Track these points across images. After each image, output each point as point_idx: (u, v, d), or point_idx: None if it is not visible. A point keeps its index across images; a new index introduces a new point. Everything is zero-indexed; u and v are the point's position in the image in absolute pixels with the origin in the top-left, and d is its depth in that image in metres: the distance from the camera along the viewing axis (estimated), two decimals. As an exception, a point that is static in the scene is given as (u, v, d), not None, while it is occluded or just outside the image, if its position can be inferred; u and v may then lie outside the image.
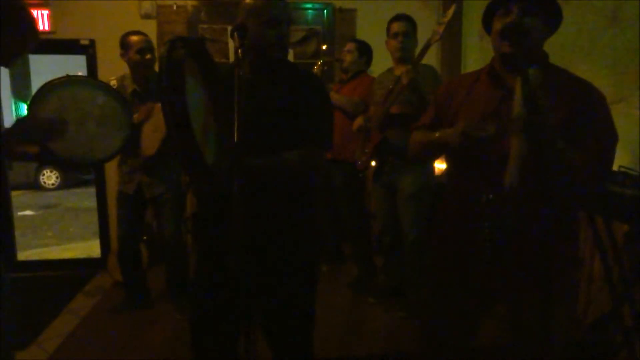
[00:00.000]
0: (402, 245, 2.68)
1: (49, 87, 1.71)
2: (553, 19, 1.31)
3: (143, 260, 3.21)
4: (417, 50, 2.50)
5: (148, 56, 2.59)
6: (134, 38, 2.59)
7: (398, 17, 2.66)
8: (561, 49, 2.91)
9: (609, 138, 1.25)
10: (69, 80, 1.75)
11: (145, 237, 3.43)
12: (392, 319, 2.77)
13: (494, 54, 1.35)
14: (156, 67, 2.60)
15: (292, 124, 1.45)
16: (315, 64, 3.37)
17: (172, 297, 2.97)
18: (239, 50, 1.28)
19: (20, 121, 1.62)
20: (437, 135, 1.34)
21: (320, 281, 3.33)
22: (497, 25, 1.27)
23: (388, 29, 2.69)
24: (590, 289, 2.46)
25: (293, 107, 1.45)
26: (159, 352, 2.48)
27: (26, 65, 9.11)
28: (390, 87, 2.58)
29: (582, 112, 1.21)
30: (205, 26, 3.89)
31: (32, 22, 1.46)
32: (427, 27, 2.77)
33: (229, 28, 1.44)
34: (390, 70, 2.76)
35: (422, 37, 2.63)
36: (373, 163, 2.81)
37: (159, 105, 1.61)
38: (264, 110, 1.45)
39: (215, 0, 3.87)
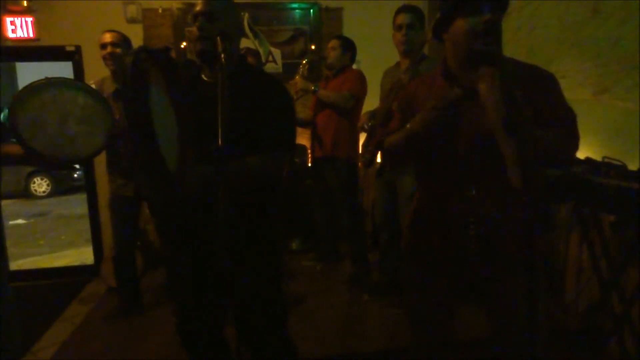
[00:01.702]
0: (400, 242, 2.68)
1: (29, 90, 1.72)
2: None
3: (138, 266, 3.20)
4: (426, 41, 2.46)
5: (108, 50, 2.62)
6: (102, 36, 2.66)
7: (402, 9, 2.53)
8: (545, 43, 2.95)
9: (568, 114, 1.28)
10: (49, 83, 1.76)
11: (139, 243, 3.43)
12: (388, 315, 2.79)
13: (453, 53, 1.33)
14: None
15: (253, 128, 1.46)
16: (300, 63, 3.38)
17: (170, 299, 2.97)
18: (222, 56, 1.30)
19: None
20: (407, 127, 1.34)
21: (315, 280, 3.39)
22: (465, 25, 1.24)
23: (393, 22, 2.56)
24: (580, 278, 2.50)
25: (253, 111, 1.47)
26: (156, 356, 2.48)
27: (13, 73, 9.07)
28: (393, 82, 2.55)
29: (537, 95, 1.22)
30: (191, 28, 3.88)
31: None
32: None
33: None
34: (397, 64, 2.69)
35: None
36: (378, 160, 2.79)
37: None
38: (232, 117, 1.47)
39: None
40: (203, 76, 1.58)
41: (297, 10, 4.05)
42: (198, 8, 1.49)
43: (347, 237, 3.30)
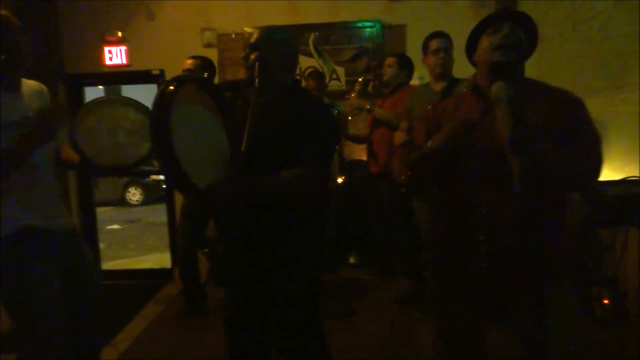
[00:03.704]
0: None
1: (91, 105, 1.97)
2: (533, 40, 1.37)
3: (203, 271, 3.44)
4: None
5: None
6: (185, 61, 2.97)
7: (437, 34, 2.71)
8: (618, 54, 2.77)
9: (592, 137, 1.28)
10: (107, 100, 2.00)
11: (206, 250, 3.69)
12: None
13: (480, 69, 1.38)
14: None
15: (291, 147, 1.52)
16: (356, 80, 3.47)
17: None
18: (257, 80, 1.43)
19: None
20: (428, 144, 1.39)
21: (369, 294, 3.40)
22: (486, 41, 1.33)
23: (426, 47, 2.74)
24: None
25: (292, 131, 1.53)
26: (213, 355, 2.66)
27: (118, 94, 10.26)
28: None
29: (561, 117, 1.25)
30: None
31: None
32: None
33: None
34: (427, 85, 2.80)
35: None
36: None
37: None
38: (266, 134, 1.54)
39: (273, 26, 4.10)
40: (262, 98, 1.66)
41: (361, 29, 4.15)
42: (250, 40, 1.64)
43: (401, 253, 3.29)
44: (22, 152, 1.61)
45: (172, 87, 1.32)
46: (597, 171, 1.25)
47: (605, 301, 2.46)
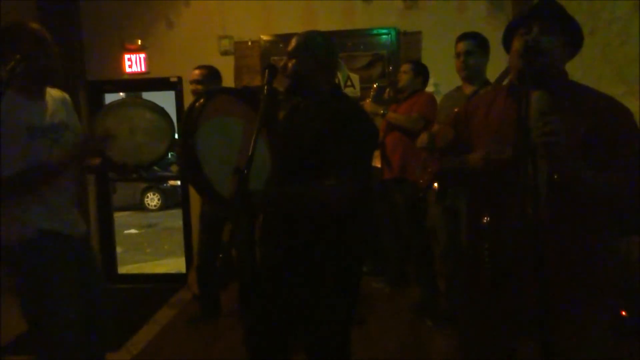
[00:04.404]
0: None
1: (109, 106, 2.04)
2: (575, 38, 1.31)
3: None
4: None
5: (192, 87, 3.01)
6: (192, 72, 3.02)
7: (462, 37, 2.63)
8: (636, 59, 2.71)
9: (637, 150, 1.19)
10: (124, 101, 2.08)
11: (220, 255, 3.71)
12: (449, 345, 2.69)
13: (513, 72, 1.36)
14: None
15: (326, 156, 1.48)
16: (371, 87, 3.47)
17: (242, 310, 3.18)
18: (265, 88, 1.44)
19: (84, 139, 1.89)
20: (463, 160, 1.35)
21: (381, 302, 3.38)
22: (516, 44, 1.29)
23: (455, 49, 2.68)
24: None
25: (327, 139, 1.48)
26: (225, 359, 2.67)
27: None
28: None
29: (604, 126, 1.18)
30: (276, 58, 4.17)
31: None
32: (496, 45, 2.73)
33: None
34: (459, 88, 2.73)
35: (492, 55, 2.60)
36: (435, 184, 2.77)
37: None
38: (299, 142, 1.55)
39: (289, 34, 4.14)
40: (301, 105, 1.67)
41: (376, 36, 4.16)
42: (288, 47, 1.65)
43: (415, 261, 3.26)
44: (53, 173, 1.72)
45: (201, 100, 1.36)
46: (633, 193, 1.17)
47: (623, 313, 2.38)
